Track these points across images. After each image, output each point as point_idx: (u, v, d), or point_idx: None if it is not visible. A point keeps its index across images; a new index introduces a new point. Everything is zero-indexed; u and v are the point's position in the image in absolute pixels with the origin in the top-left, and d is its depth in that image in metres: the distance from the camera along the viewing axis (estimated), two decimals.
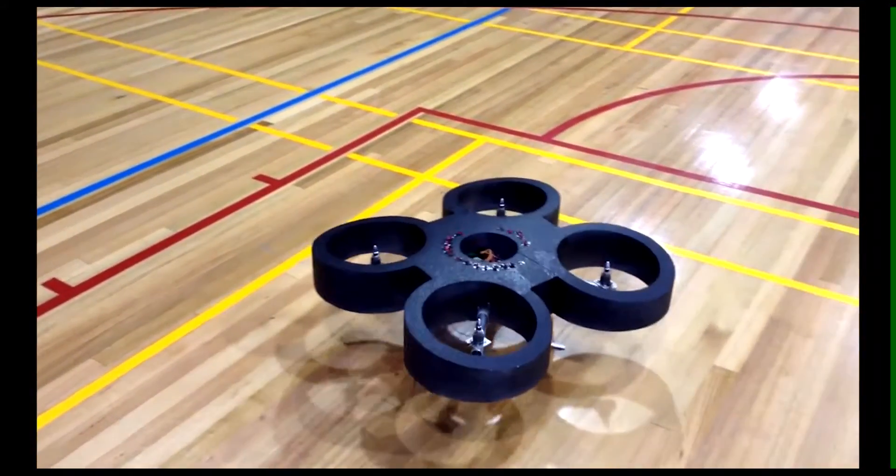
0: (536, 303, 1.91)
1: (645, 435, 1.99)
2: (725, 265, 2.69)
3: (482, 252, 2.14)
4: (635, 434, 1.99)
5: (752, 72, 4.27)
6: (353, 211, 2.97)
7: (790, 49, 4.58)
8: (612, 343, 2.29)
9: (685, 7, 5.31)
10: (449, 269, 1.99)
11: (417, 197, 3.08)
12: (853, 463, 1.91)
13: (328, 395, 2.10)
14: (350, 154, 3.41)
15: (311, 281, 2.26)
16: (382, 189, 3.13)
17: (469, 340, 1.90)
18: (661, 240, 2.77)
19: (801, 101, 3.97)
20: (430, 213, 2.97)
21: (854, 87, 4.08)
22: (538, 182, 2.56)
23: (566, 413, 2.05)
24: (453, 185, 2.95)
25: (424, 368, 1.81)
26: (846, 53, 4.48)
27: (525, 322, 1.91)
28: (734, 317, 2.41)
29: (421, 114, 3.81)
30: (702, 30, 4.87)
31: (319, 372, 2.19)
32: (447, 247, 2.10)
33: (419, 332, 1.79)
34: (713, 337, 2.33)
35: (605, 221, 2.91)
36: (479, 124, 3.71)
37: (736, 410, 2.06)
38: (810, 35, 4.78)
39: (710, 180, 3.22)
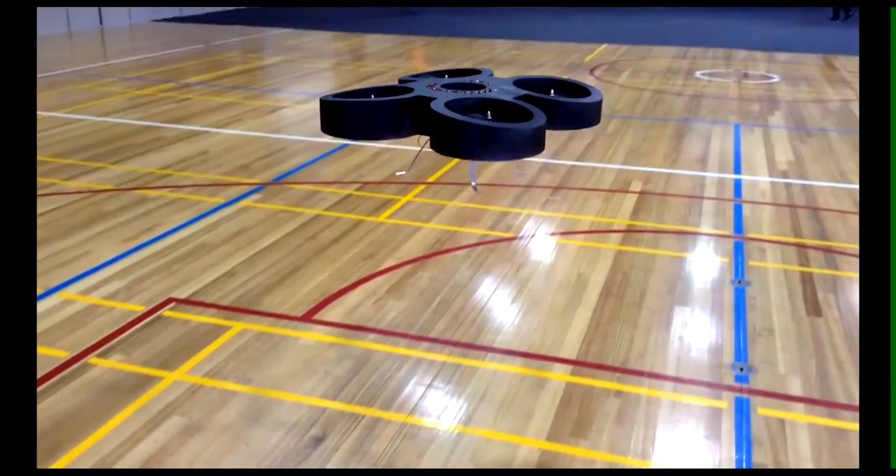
0: (524, 104, 2.42)
1: None
2: (483, 434, 2.74)
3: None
4: None
5: (495, 234, 4.61)
6: (91, 426, 2.71)
7: (527, 210, 5.03)
8: None
9: (433, 176, 5.71)
10: (446, 96, 2.44)
11: (166, 399, 2.89)
12: None
13: None
14: (90, 358, 3.16)
15: None
16: (127, 396, 2.91)
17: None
18: (422, 413, 2.80)
19: (539, 259, 4.32)
20: (181, 417, 2.79)
21: (583, 242, 4.53)
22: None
23: None
24: (206, 382, 2.80)
25: (466, 140, 2.25)
26: (574, 210, 5.00)
27: (518, 116, 2.38)
28: None
29: (172, 304, 3.66)
30: (448, 197, 5.23)
31: None
32: (434, 87, 2.54)
33: (451, 114, 2.26)
34: None
35: (369, 398, 2.90)
36: (235, 310, 3.63)
37: None
38: (542, 195, 5.30)
39: (465, 346, 3.35)
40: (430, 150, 2.35)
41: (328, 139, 6.62)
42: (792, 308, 3.71)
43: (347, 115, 2.48)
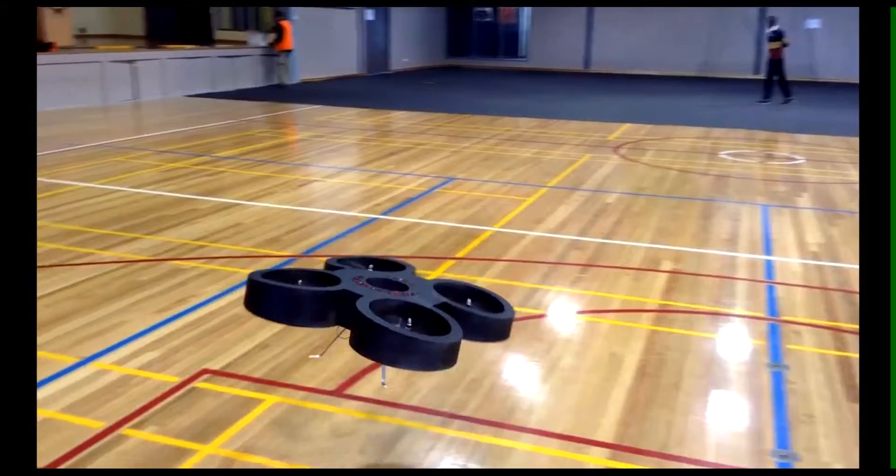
0: (443, 315, 2.54)
1: None
2: None
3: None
4: None
5: (525, 311, 4.60)
6: None
7: (556, 287, 5.03)
8: None
9: (461, 251, 5.75)
10: (371, 294, 2.55)
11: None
12: None
13: None
14: (125, 429, 3.15)
15: None
16: (161, 468, 2.88)
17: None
18: None
19: (570, 338, 4.30)
20: None
21: (615, 320, 4.51)
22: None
23: None
24: (240, 456, 2.77)
25: (386, 346, 2.36)
26: (604, 288, 4.99)
27: (436, 325, 2.51)
28: None
29: (206, 376, 3.66)
30: (476, 272, 5.25)
31: None
32: (360, 281, 2.65)
33: (376, 319, 2.36)
34: None
35: None
36: (268, 382, 3.62)
37: None
38: (572, 273, 5.31)
39: (498, 425, 3.30)
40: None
41: (357, 213, 6.76)
42: (832, 394, 3.64)
43: (274, 299, 2.56)
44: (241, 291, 4.79)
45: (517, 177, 8.52)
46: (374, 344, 2.39)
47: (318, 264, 5.33)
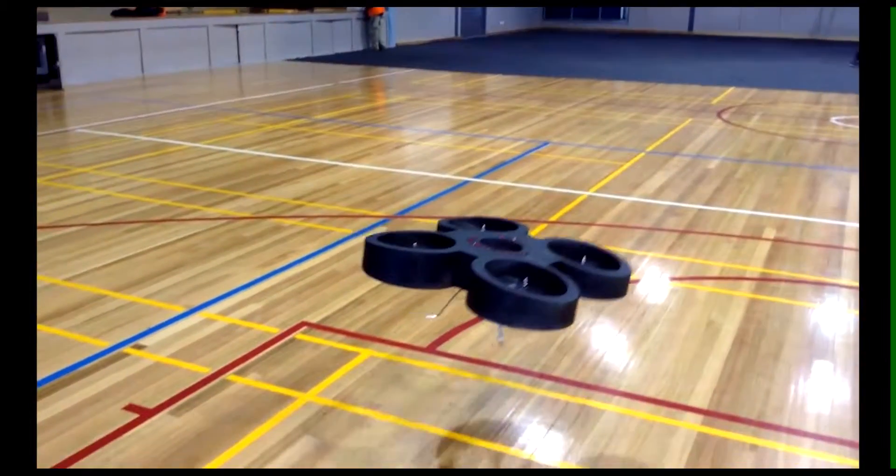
0: (559, 275, 2.51)
1: None
2: None
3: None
4: None
5: None
6: (230, 440, 2.83)
7: (652, 253, 4.94)
8: None
9: (555, 215, 5.70)
10: (486, 255, 2.56)
11: (299, 419, 2.99)
12: None
13: None
14: (229, 375, 3.31)
15: None
16: (262, 413, 3.02)
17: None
18: (545, 453, 2.77)
19: (666, 304, 4.22)
20: (312, 437, 2.87)
21: (713, 288, 4.39)
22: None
23: None
24: (337, 405, 2.88)
25: (501, 306, 2.36)
26: (703, 255, 4.87)
27: (552, 284, 2.48)
28: None
29: (304, 328, 3.79)
30: (570, 236, 5.20)
31: None
32: (474, 242, 2.68)
33: (492, 280, 2.37)
34: None
35: (493, 433, 2.90)
36: (363, 337, 3.72)
37: None
38: (669, 239, 5.19)
39: (590, 387, 3.29)
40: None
41: (450, 175, 6.78)
42: None
43: (391, 262, 2.61)
44: (338, 249, 4.95)
45: (614, 141, 8.35)
46: (491, 305, 2.41)
47: (413, 225, 5.41)
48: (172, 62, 13.56)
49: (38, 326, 3.73)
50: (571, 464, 2.78)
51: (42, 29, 11.33)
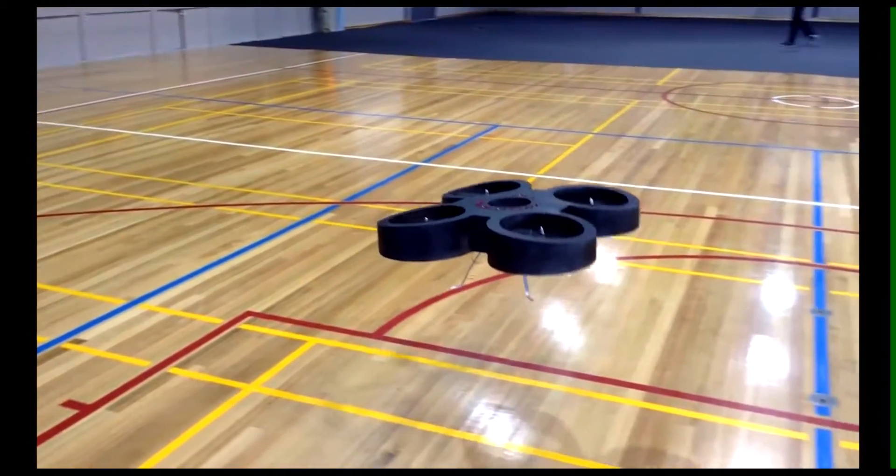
0: (572, 217, 2.56)
1: None
2: (555, 457, 2.72)
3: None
4: None
5: None
6: (172, 434, 2.80)
7: None
8: None
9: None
10: (498, 214, 2.58)
11: (243, 410, 2.96)
12: None
13: None
14: (171, 368, 3.26)
15: None
16: (205, 405, 2.99)
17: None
18: (493, 434, 2.79)
19: (610, 284, 4.28)
20: (257, 428, 2.85)
21: (656, 267, 4.46)
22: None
23: None
24: (282, 395, 2.86)
25: (527, 257, 2.39)
26: (646, 235, 4.93)
27: (568, 228, 2.52)
28: None
29: (249, 318, 3.75)
30: None
31: None
32: (483, 205, 2.69)
33: (511, 234, 2.42)
34: None
35: (440, 417, 2.91)
36: (309, 325, 3.69)
37: None
38: None
39: (536, 367, 3.33)
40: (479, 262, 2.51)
41: (399, 160, 6.75)
42: None
43: (408, 240, 2.62)
44: (285, 237, 4.90)
45: (562, 123, 8.40)
46: (515, 258, 2.45)
47: (363, 211, 5.38)
48: (114, 49, 13.20)
49: None
50: (518, 444, 2.81)
51: None
